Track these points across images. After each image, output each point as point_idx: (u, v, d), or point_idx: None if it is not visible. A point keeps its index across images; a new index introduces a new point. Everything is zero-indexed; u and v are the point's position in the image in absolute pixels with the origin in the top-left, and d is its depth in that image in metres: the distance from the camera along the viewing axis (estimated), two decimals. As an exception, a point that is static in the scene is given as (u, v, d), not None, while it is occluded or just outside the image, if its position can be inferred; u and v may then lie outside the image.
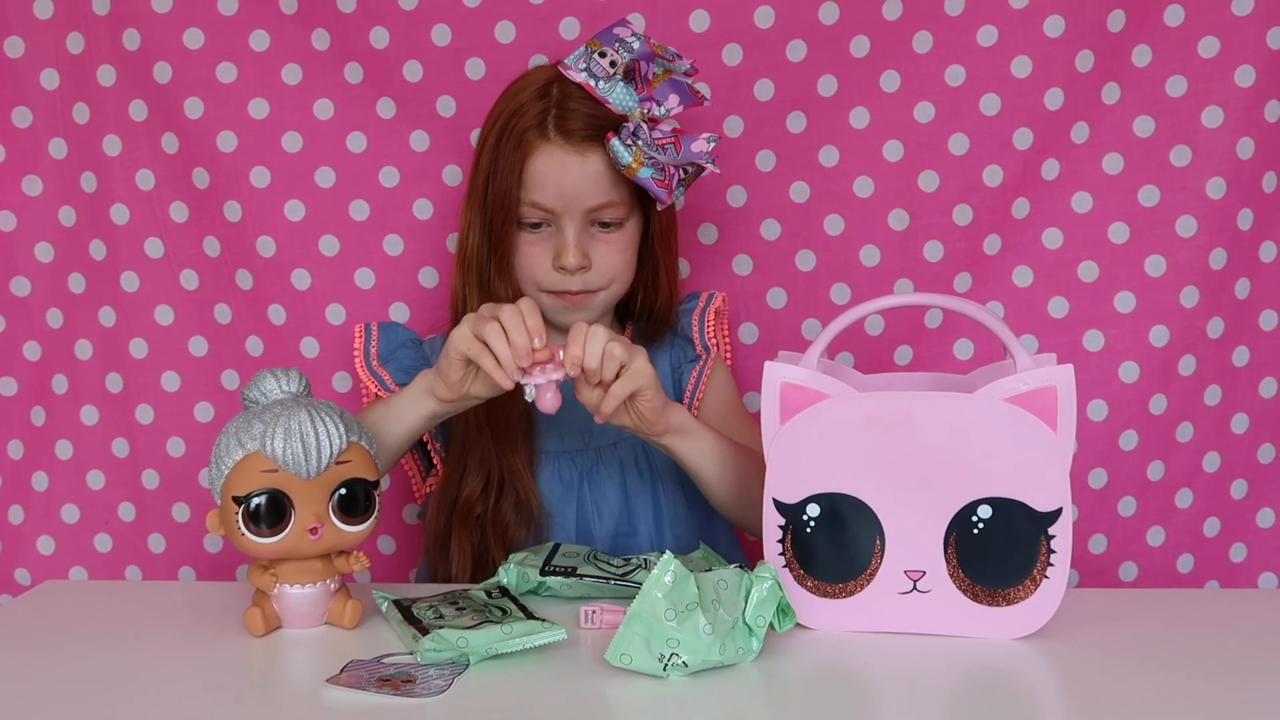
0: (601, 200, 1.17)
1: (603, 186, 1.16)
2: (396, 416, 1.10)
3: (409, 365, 1.25)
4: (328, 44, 1.37)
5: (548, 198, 1.16)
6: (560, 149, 1.15)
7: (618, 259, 1.20)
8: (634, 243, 1.22)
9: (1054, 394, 0.91)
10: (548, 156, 1.15)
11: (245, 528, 0.93)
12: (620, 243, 1.20)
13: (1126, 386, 1.38)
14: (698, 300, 1.31)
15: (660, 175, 1.13)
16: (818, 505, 0.95)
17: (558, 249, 1.17)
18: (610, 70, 1.14)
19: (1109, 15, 1.33)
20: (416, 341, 1.29)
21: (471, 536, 1.19)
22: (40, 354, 1.44)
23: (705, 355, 1.27)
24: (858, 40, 1.36)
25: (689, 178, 1.17)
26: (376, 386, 1.23)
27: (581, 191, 1.16)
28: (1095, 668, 0.88)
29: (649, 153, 1.12)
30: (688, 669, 0.85)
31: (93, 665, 0.91)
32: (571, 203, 1.16)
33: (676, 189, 1.16)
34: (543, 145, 1.15)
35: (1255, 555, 1.44)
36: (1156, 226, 1.36)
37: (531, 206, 1.17)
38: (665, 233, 1.25)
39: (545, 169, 1.15)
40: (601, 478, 1.23)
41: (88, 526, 1.46)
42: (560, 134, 1.15)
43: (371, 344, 1.27)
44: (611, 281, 1.21)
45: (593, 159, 1.15)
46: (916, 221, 1.38)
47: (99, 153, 1.40)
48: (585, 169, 1.15)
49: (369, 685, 0.84)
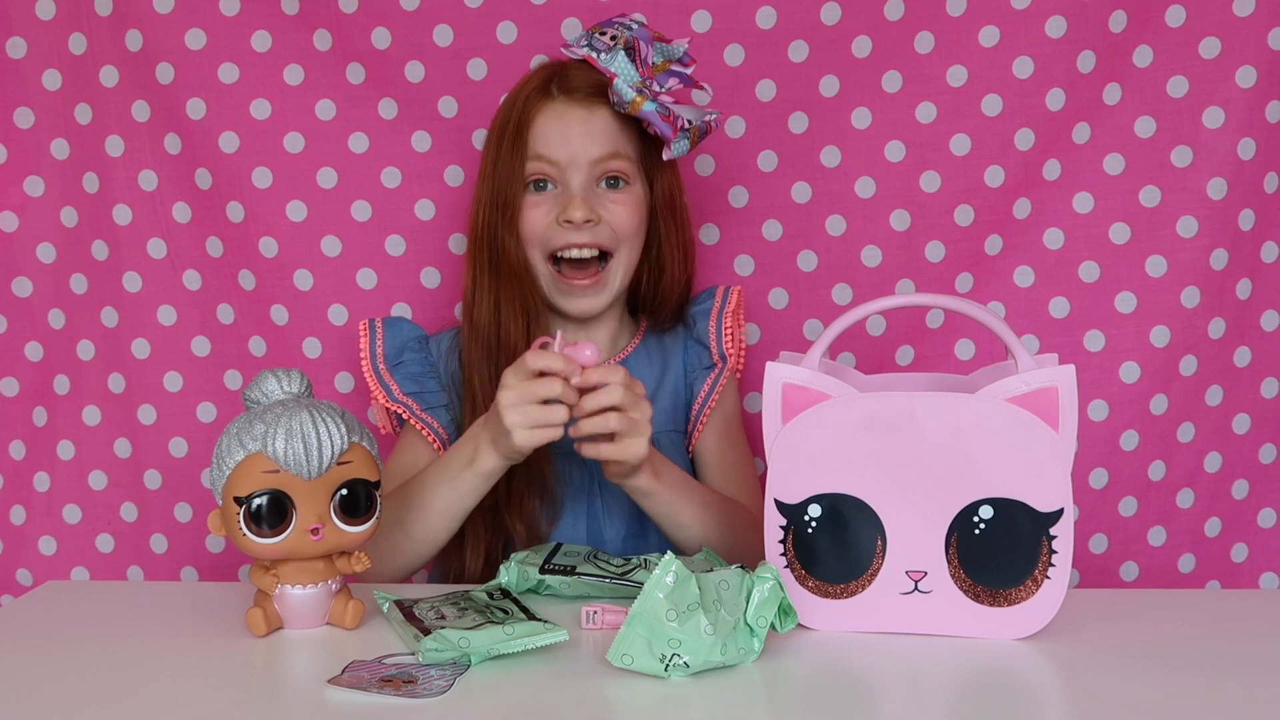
0: (607, 150, 1.17)
1: (608, 137, 1.17)
2: (458, 506, 1.10)
3: (417, 373, 1.24)
4: (329, 44, 1.37)
5: (552, 149, 1.16)
6: (563, 103, 1.17)
7: (627, 217, 1.19)
8: (642, 205, 1.21)
9: (1055, 394, 0.91)
10: (552, 112, 1.17)
11: (247, 528, 0.93)
12: (629, 202, 1.19)
13: (1127, 387, 1.38)
14: (713, 299, 1.28)
15: (664, 111, 1.14)
16: (819, 506, 0.95)
17: (564, 204, 1.17)
18: (610, 44, 1.15)
19: (1110, 16, 1.34)
20: (423, 339, 1.27)
21: (486, 529, 1.18)
22: (42, 354, 1.44)
23: (721, 365, 1.26)
24: (859, 41, 1.36)
25: (694, 130, 1.17)
26: (384, 396, 1.22)
27: (587, 142, 1.17)
28: (1096, 668, 0.88)
29: (650, 94, 1.13)
30: (689, 669, 0.85)
31: (94, 666, 0.91)
32: (577, 153, 1.17)
33: (681, 133, 1.16)
34: (547, 103, 1.17)
35: (1256, 555, 1.44)
36: (1158, 227, 1.36)
37: (537, 160, 1.17)
38: (669, 201, 1.24)
39: (549, 122, 1.17)
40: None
41: (89, 527, 1.46)
42: (563, 91, 1.17)
43: (377, 342, 1.25)
44: (621, 241, 1.19)
45: (598, 113, 1.17)
46: (918, 222, 1.38)
47: (101, 153, 1.40)
48: (590, 121, 1.17)
49: (370, 686, 0.84)
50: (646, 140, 1.20)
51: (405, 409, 1.22)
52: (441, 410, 1.23)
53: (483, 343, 1.20)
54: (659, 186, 1.23)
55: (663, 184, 1.23)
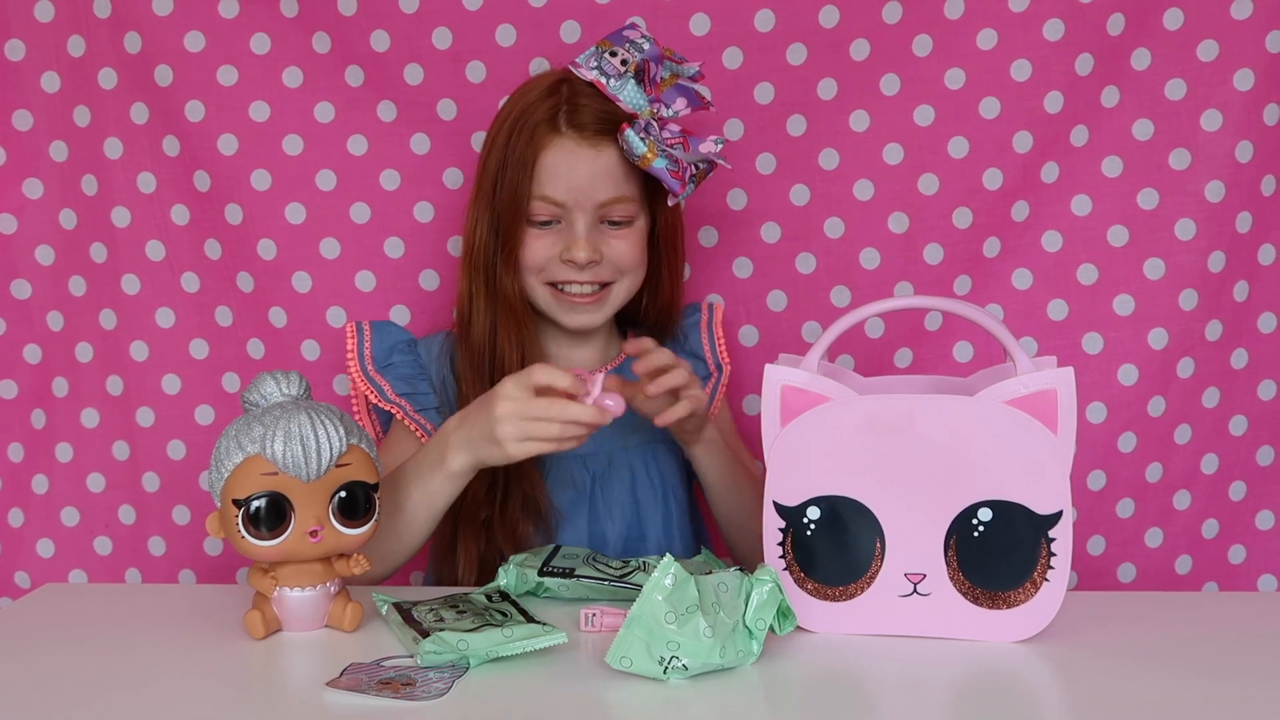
0: (613, 195, 1.16)
1: (614, 181, 1.16)
2: (429, 508, 1.09)
3: (408, 375, 1.24)
4: (328, 47, 1.37)
5: (559, 191, 1.15)
6: (573, 142, 1.15)
7: (630, 252, 1.19)
8: (644, 239, 1.21)
9: (1054, 397, 0.91)
10: (560, 149, 1.15)
11: (245, 530, 0.93)
12: (632, 237, 1.19)
13: (1125, 389, 1.38)
14: (700, 313, 1.32)
15: (674, 167, 1.13)
16: (818, 508, 0.95)
17: (567, 243, 1.16)
18: (621, 69, 1.14)
19: (1109, 18, 1.34)
20: (412, 343, 1.27)
21: (478, 541, 1.18)
22: (41, 357, 1.44)
23: (718, 373, 1.29)
24: (858, 43, 1.36)
25: (700, 173, 1.17)
26: (376, 396, 1.22)
27: (593, 185, 1.15)
28: (1095, 670, 0.88)
29: (661, 146, 1.13)
30: (688, 672, 0.85)
31: (93, 668, 0.91)
32: (583, 196, 1.15)
33: (689, 183, 1.16)
34: (554, 139, 1.15)
35: (1254, 557, 1.44)
36: (1156, 229, 1.37)
37: (542, 201, 1.16)
38: (671, 233, 1.25)
39: (557, 162, 1.15)
40: (612, 481, 1.23)
41: (88, 529, 1.46)
42: (572, 128, 1.15)
43: (365, 345, 1.25)
44: (624, 273, 1.20)
45: (605, 153, 1.15)
46: (916, 224, 1.38)
47: (100, 155, 1.40)
48: (597, 162, 1.15)
49: (369, 688, 0.84)
50: (651, 176, 1.18)
51: (398, 409, 1.22)
52: (433, 412, 1.23)
53: (476, 358, 1.20)
54: (662, 220, 1.23)
55: (665, 218, 1.23)
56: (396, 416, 1.22)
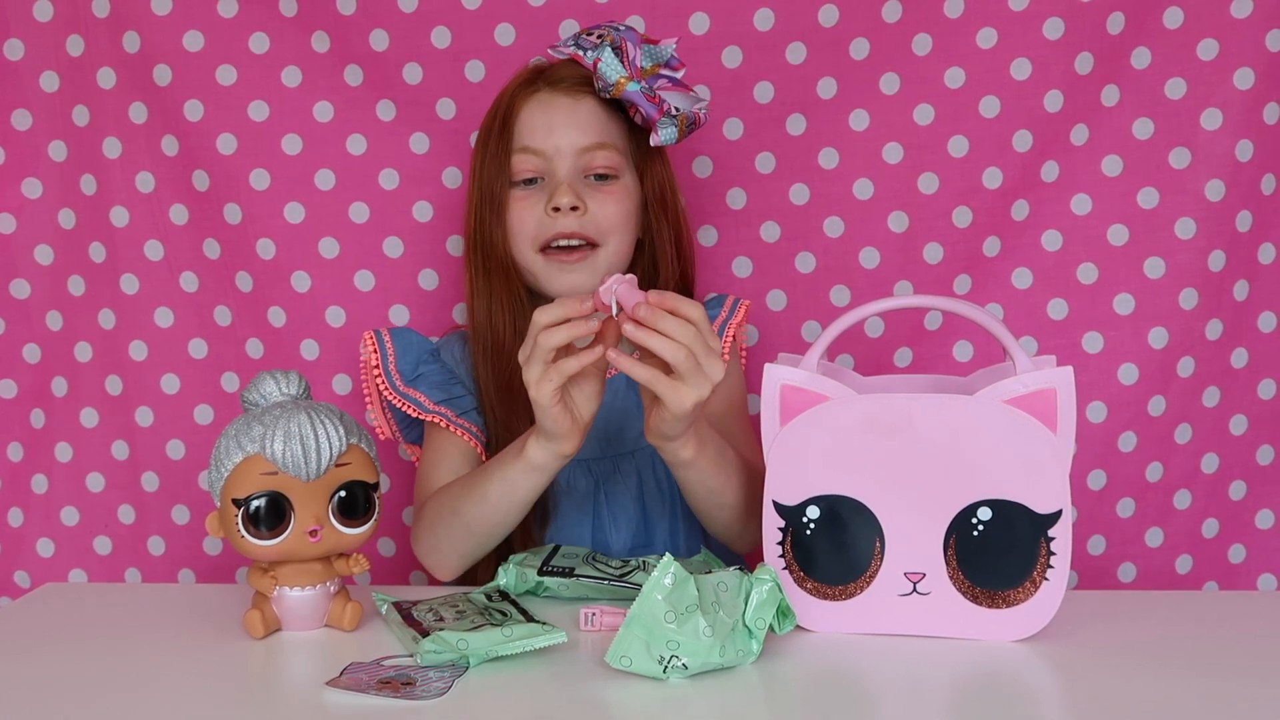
0: (593, 139, 1.16)
1: (594, 126, 1.16)
2: (510, 498, 1.05)
3: (440, 381, 1.20)
4: (327, 46, 1.37)
5: (537, 139, 1.15)
6: (548, 93, 1.17)
7: (615, 209, 1.16)
8: (631, 197, 1.19)
9: (1054, 396, 0.91)
10: (536, 103, 1.17)
11: (245, 530, 0.93)
12: (617, 194, 1.17)
13: (1125, 388, 1.38)
14: (721, 308, 1.24)
15: (649, 91, 1.13)
16: (817, 507, 0.95)
17: (550, 192, 1.15)
18: (596, 42, 1.14)
19: (1108, 17, 1.34)
20: (435, 352, 1.23)
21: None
22: (40, 356, 1.44)
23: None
24: (857, 43, 1.36)
25: (680, 115, 1.15)
26: (415, 410, 1.17)
27: (572, 131, 1.15)
28: (1095, 670, 0.88)
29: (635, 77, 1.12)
30: (687, 671, 0.85)
31: (92, 668, 0.90)
32: (563, 142, 1.15)
33: (667, 121, 1.13)
34: (532, 95, 1.17)
35: (1254, 556, 1.44)
36: (1156, 228, 1.37)
37: (523, 154, 1.15)
38: (661, 192, 1.21)
39: (534, 113, 1.16)
40: (618, 487, 1.20)
41: (87, 529, 1.46)
42: (548, 83, 1.17)
43: (390, 359, 1.20)
44: (609, 234, 1.16)
45: (584, 101, 1.16)
46: (916, 223, 1.38)
47: (99, 155, 1.40)
48: (576, 110, 1.16)
49: (369, 688, 0.84)
50: (636, 132, 1.18)
51: (440, 418, 1.17)
52: (474, 414, 1.19)
53: (483, 345, 1.19)
54: (649, 179, 1.21)
55: (653, 177, 1.21)
56: (440, 425, 1.18)
